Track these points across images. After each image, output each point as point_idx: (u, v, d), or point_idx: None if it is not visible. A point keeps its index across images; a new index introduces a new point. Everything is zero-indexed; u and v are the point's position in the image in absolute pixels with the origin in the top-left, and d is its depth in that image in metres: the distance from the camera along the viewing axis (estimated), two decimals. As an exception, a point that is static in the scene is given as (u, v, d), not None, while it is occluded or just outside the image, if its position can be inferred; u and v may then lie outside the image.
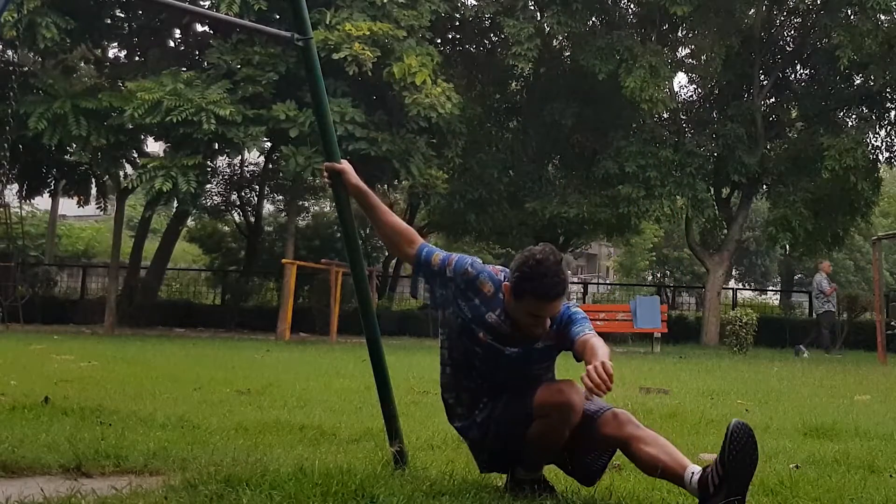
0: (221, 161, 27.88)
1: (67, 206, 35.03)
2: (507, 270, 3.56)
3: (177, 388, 7.38)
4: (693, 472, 3.32)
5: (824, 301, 21.17)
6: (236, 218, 30.54)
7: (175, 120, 18.27)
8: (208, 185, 26.21)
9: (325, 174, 3.93)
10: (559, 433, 3.42)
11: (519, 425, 3.48)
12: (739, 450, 3.16)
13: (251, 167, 30.45)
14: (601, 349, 3.29)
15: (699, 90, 28.77)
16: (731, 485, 3.16)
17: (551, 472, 3.96)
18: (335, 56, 18.71)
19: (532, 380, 3.55)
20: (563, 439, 3.46)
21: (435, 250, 3.69)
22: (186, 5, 5.89)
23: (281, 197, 31.31)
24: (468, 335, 3.57)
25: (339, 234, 25.84)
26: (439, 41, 24.48)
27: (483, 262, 3.68)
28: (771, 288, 45.70)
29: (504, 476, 3.73)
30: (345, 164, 3.90)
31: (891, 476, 4.18)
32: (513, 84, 28.76)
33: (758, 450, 3.21)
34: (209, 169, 22.98)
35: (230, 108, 18.59)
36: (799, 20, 27.22)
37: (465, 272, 3.56)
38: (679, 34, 27.42)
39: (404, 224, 3.87)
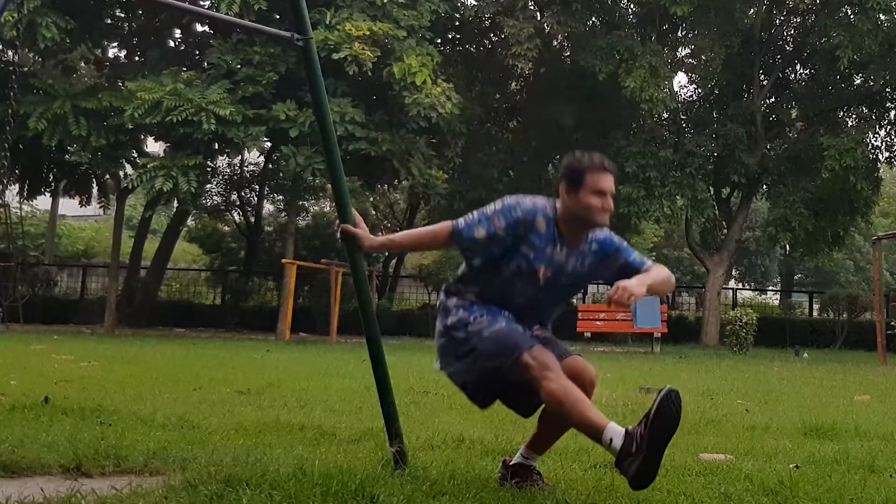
0: (221, 161, 27.87)
1: (67, 206, 35.04)
2: (553, 203, 3.71)
3: (177, 388, 7.38)
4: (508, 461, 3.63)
5: None
6: (236, 218, 30.53)
7: (175, 120, 18.28)
8: (208, 185, 26.20)
9: (339, 235, 3.84)
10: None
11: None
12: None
13: (251, 167, 30.45)
14: (657, 269, 3.68)
15: (699, 90, 28.78)
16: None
17: (551, 472, 3.96)
18: (335, 56, 18.72)
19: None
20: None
21: (472, 226, 3.65)
22: (186, 5, 5.89)
23: (281, 197, 31.29)
24: (531, 277, 3.66)
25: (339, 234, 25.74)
26: (439, 41, 24.47)
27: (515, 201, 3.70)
28: (771, 288, 45.68)
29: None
30: (359, 230, 3.77)
31: (891, 476, 4.18)
32: (513, 84, 28.75)
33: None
34: (209, 169, 22.98)
35: (230, 108, 18.60)
36: (799, 20, 27.24)
37: (523, 220, 3.63)
38: (679, 34, 27.43)
39: (426, 230, 3.84)
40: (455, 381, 3.72)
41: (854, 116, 27.64)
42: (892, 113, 27.23)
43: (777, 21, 27.33)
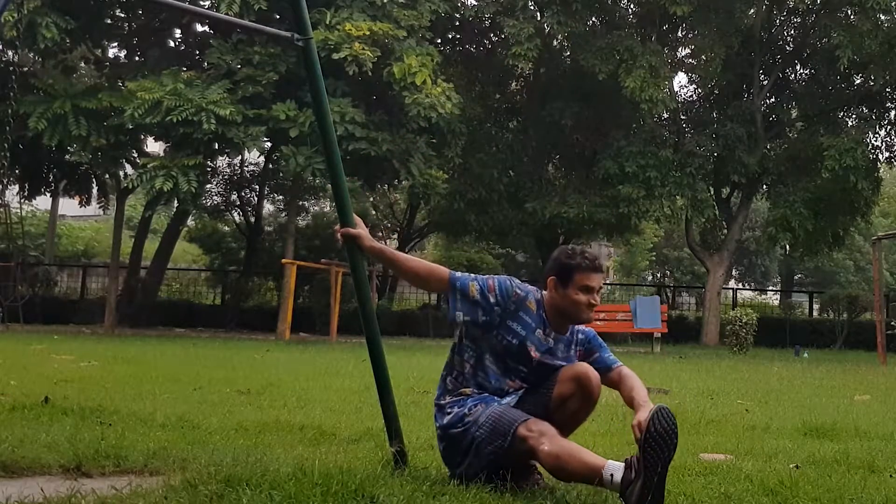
0: (221, 161, 27.86)
1: (67, 206, 35.04)
2: (540, 292, 3.80)
3: (177, 388, 7.38)
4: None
5: None
6: (236, 218, 30.54)
7: (175, 120, 18.27)
8: (208, 185, 26.20)
9: (339, 237, 3.88)
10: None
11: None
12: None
13: (251, 167, 30.45)
14: (642, 393, 3.76)
15: (699, 90, 28.79)
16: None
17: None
18: (335, 56, 18.71)
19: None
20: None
21: (467, 280, 3.73)
22: (186, 5, 5.89)
23: (281, 197, 31.30)
24: (521, 355, 3.72)
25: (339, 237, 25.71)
26: (439, 41, 24.48)
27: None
28: (771, 288, 45.67)
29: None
30: (360, 230, 3.84)
31: (891, 476, 4.18)
32: (513, 84, 28.77)
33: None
34: (209, 169, 22.97)
35: (230, 108, 18.58)
36: (799, 20, 27.24)
37: (515, 294, 3.72)
38: (679, 34, 27.43)
39: (426, 264, 3.94)
40: (469, 477, 3.68)
41: (854, 116, 27.64)
42: (892, 113, 27.23)
43: (777, 21, 27.33)
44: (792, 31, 27.82)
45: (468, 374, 3.75)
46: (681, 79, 42.35)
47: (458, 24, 25.35)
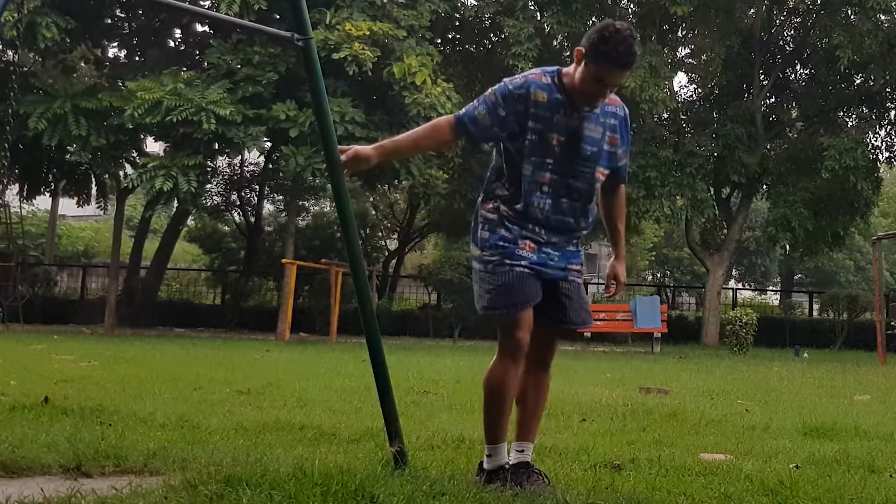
0: (221, 161, 27.87)
1: (67, 206, 35.02)
2: (553, 71, 3.63)
3: (177, 388, 7.37)
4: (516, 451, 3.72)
5: None
6: (236, 218, 30.53)
7: (175, 120, 18.29)
8: (208, 185, 26.21)
9: (347, 169, 3.82)
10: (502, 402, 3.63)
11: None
12: None
13: (251, 167, 30.45)
14: (622, 238, 3.88)
15: (699, 90, 28.79)
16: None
17: (551, 472, 3.96)
18: (335, 56, 18.73)
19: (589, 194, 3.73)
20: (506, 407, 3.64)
21: (473, 111, 3.63)
22: (186, 5, 5.88)
23: (281, 197, 31.30)
24: (543, 146, 3.59)
25: (339, 235, 25.84)
26: (439, 41, 24.48)
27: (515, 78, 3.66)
28: (771, 288, 45.69)
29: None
30: (349, 150, 3.76)
31: (891, 476, 4.18)
32: (513, 84, 28.74)
33: None
34: (209, 169, 22.97)
35: (230, 108, 18.60)
36: (799, 20, 27.25)
37: (515, 95, 3.58)
38: (679, 34, 27.43)
39: (427, 129, 3.81)
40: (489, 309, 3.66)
41: (854, 116, 27.65)
42: (892, 113, 27.24)
43: (777, 21, 27.34)
44: (792, 31, 27.83)
45: (506, 195, 3.67)
46: (681, 79, 42.31)
47: (458, 24, 25.36)
